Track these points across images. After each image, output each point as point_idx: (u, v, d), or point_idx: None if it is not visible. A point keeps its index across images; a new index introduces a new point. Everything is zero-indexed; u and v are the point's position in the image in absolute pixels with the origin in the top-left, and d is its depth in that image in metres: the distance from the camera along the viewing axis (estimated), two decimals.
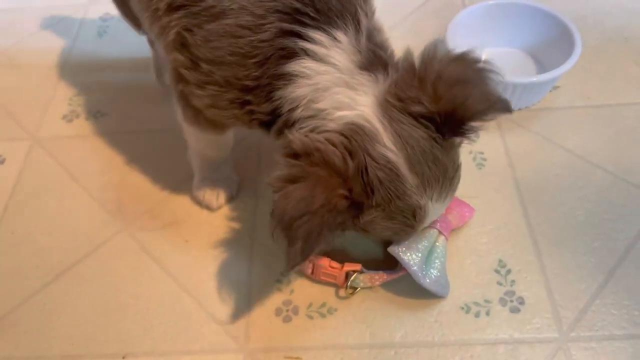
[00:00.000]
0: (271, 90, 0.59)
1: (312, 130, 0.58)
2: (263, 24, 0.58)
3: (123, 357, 0.68)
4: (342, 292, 0.71)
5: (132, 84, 1.01)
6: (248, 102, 0.61)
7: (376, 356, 0.66)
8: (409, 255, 0.67)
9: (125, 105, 0.98)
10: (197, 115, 0.68)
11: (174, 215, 0.82)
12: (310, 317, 0.70)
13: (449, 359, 0.65)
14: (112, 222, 0.81)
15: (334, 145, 0.55)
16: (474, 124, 0.59)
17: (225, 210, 0.81)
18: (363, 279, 0.70)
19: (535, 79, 0.86)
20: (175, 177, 0.86)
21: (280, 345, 0.68)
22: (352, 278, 0.69)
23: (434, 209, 0.60)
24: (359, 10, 0.61)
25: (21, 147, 0.92)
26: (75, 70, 1.04)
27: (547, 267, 0.72)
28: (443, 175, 0.58)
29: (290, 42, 0.58)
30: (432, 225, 0.69)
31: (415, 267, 0.67)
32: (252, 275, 0.75)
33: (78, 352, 0.69)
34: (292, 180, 0.55)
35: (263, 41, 0.58)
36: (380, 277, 0.70)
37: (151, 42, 0.96)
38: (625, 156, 0.83)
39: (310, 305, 0.71)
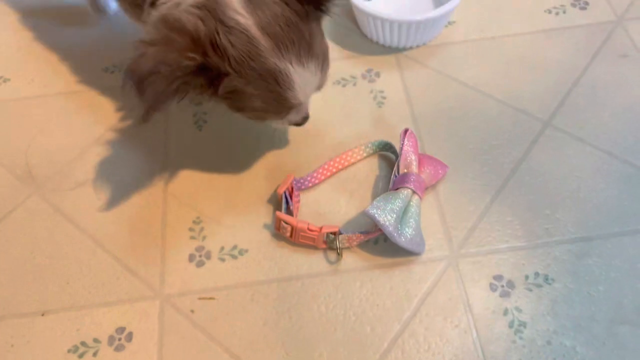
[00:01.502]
0: None
1: (171, 8, 0.62)
2: None
3: (42, 314, 0.71)
4: (332, 257, 0.73)
5: (34, 46, 0.99)
6: None
7: (285, 288, 0.71)
8: (384, 216, 0.68)
9: (29, 69, 0.96)
10: None
11: (85, 175, 0.83)
12: (222, 260, 0.74)
13: (351, 283, 0.71)
14: (23, 187, 0.82)
15: (188, 14, 0.59)
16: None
17: (136, 166, 0.83)
18: (342, 239, 0.72)
19: (429, 15, 0.90)
20: (83, 138, 0.86)
21: (194, 288, 0.72)
22: (330, 239, 0.72)
23: (300, 76, 0.63)
24: None
25: None
26: None
27: (440, 193, 0.78)
28: (299, 38, 0.61)
29: None
30: (405, 185, 0.71)
31: (390, 228, 0.68)
32: (165, 226, 0.77)
33: None
34: (151, 43, 0.59)
35: None
36: (357, 237, 0.72)
37: None
38: (514, 84, 0.89)
39: (222, 249, 0.75)
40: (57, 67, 0.96)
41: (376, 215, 0.69)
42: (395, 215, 0.69)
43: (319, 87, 0.69)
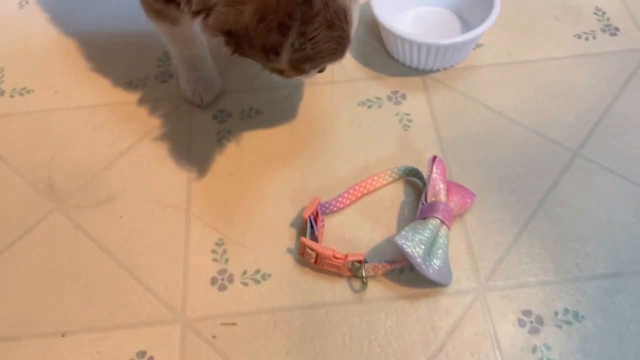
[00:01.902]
0: None
1: None
2: None
3: (62, 335, 0.70)
4: (356, 285, 0.72)
5: (59, 58, 0.99)
6: None
7: (308, 316, 0.70)
8: (413, 247, 0.67)
9: (52, 81, 0.96)
10: (147, 10, 0.78)
11: (107, 191, 0.82)
12: (245, 284, 0.73)
13: (375, 313, 0.70)
14: (45, 202, 0.81)
15: None
16: None
17: (159, 184, 0.82)
18: (367, 268, 0.71)
19: (457, 39, 0.89)
20: (107, 154, 0.86)
21: (216, 313, 0.71)
22: (356, 267, 0.71)
23: (354, 11, 0.68)
24: None
25: None
26: None
27: (467, 222, 0.77)
28: None
29: None
30: (434, 215, 0.70)
31: (419, 260, 0.67)
32: (187, 248, 0.76)
33: (17, 334, 0.70)
34: None
35: None
36: (383, 266, 0.71)
37: None
38: (542, 111, 0.88)
39: (244, 272, 0.74)
40: (81, 79, 0.95)
41: (405, 246, 0.68)
42: (424, 247, 0.68)
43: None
